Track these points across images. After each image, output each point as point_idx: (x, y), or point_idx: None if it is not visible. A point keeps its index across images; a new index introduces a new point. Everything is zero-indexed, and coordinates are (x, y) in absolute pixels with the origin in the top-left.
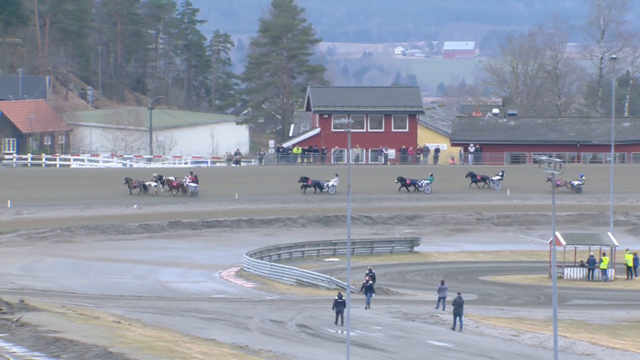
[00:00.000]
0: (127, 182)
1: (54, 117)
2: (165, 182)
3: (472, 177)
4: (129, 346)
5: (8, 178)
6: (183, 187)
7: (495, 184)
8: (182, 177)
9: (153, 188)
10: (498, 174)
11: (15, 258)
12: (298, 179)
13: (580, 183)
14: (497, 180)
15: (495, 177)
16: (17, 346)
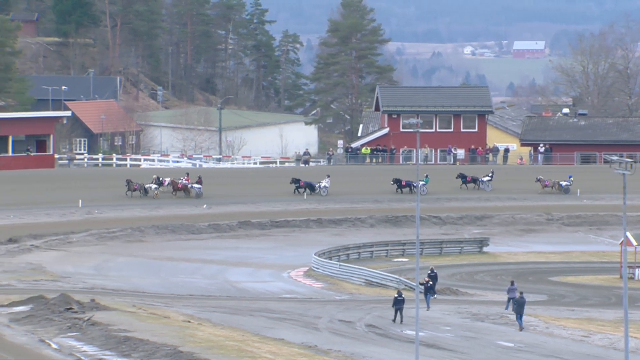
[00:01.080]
0: (128, 184)
1: (124, 117)
2: (170, 184)
3: (462, 178)
4: (198, 345)
5: (79, 178)
6: (187, 188)
7: (486, 184)
8: (178, 177)
9: (153, 190)
10: (488, 175)
11: (86, 257)
12: (290, 180)
13: (568, 184)
14: (487, 181)
15: (485, 177)
16: (88, 345)
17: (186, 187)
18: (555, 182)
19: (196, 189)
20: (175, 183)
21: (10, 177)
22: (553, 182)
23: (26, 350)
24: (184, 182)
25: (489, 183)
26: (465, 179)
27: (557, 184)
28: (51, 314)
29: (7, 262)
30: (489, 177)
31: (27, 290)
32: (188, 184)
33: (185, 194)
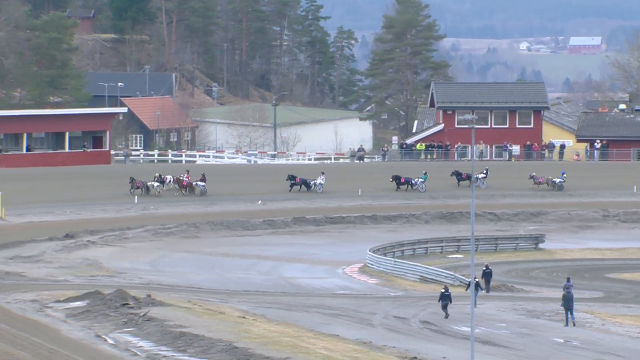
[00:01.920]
0: (131, 182)
1: (180, 113)
2: (175, 181)
3: (458, 175)
4: (253, 341)
5: (135, 174)
6: (192, 186)
7: (481, 182)
8: (179, 175)
9: (156, 189)
10: (482, 172)
11: (142, 253)
12: (286, 177)
13: (561, 180)
14: (482, 179)
15: (480, 175)
16: (144, 340)
17: (191, 185)
18: (548, 179)
19: (200, 186)
20: (180, 181)
21: (66, 173)
22: (546, 178)
23: (82, 345)
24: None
25: (484, 180)
26: (461, 176)
27: (550, 180)
28: (107, 309)
29: (64, 258)
30: (483, 175)
31: (83, 286)
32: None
33: (190, 192)
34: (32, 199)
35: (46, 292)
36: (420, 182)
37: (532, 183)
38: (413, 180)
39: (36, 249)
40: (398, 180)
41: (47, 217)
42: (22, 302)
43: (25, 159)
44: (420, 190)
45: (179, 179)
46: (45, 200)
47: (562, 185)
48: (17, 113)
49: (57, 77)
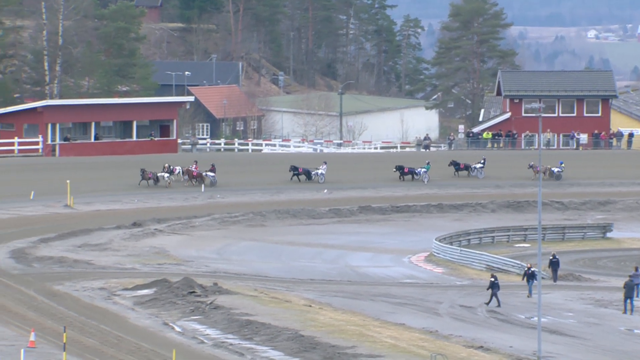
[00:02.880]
0: (142, 173)
1: (246, 102)
2: (185, 172)
3: (455, 165)
4: (319, 329)
5: (200, 163)
6: (202, 177)
7: (478, 171)
8: (187, 166)
9: (166, 180)
10: (480, 162)
11: (209, 241)
12: (289, 168)
13: (559, 170)
14: (480, 168)
15: (478, 164)
16: (210, 328)
17: (201, 175)
18: (547, 168)
19: (210, 177)
20: (190, 171)
21: (134, 162)
22: (545, 167)
23: (150, 333)
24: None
25: (481, 170)
26: (458, 166)
27: (548, 169)
28: (174, 297)
29: (131, 246)
30: (481, 164)
31: (151, 274)
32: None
33: (199, 183)
34: (99, 188)
35: (114, 280)
36: (424, 172)
37: (533, 173)
38: (416, 170)
39: (104, 237)
40: (402, 170)
41: (114, 205)
42: (90, 289)
43: (93, 147)
44: (424, 180)
45: (188, 169)
46: (112, 188)
47: (560, 175)
48: (86, 102)
49: (124, 66)
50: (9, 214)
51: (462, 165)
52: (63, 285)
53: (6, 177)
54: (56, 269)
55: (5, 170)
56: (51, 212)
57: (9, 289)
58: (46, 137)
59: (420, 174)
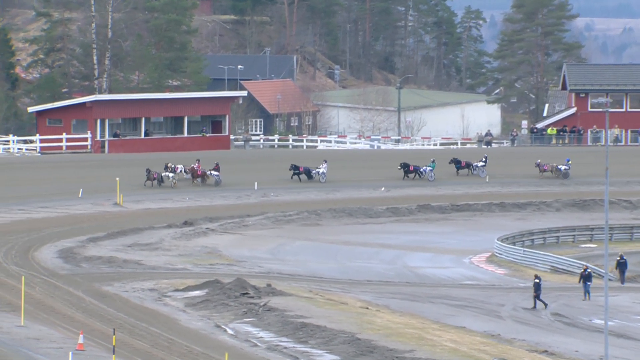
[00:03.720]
0: (148, 174)
1: (301, 97)
2: (189, 171)
3: (457, 163)
4: (376, 333)
5: (255, 159)
6: (206, 176)
7: (480, 170)
8: (190, 164)
9: (171, 180)
10: (481, 160)
11: (262, 241)
12: (289, 167)
13: (567, 168)
14: (482, 167)
15: (479, 163)
16: (264, 331)
17: (205, 174)
18: (553, 167)
19: (214, 176)
20: (195, 170)
21: (185, 159)
22: (552, 166)
23: (201, 335)
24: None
25: (483, 169)
26: (460, 164)
27: (555, 168)
28: (227, 298)
29: (182, 246)
30: (482, 162)
31: (202, 275)
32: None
33: (203, 182)
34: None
35: (165, 280)
36: (429, 170)
37: (538, 171)
38: (421, 169)
39: (154, 236)
40: (407, 168)
41: (165, 203)
42: (140, 290)
43: (143, 143)
44: (429, 178)
45: (193, 168)
46: (163, 186)
47: (567, 173)
48: (135, 97)
49: (175, 60)
50: (57, 213)
51: (463, 164)
52: (112, 286)
53: (54, 175)
54: (105, 269)
55: (53, 167)
56: (100, 211)
57: (57, 290)
58: (95, 133)
59: (425, 172)
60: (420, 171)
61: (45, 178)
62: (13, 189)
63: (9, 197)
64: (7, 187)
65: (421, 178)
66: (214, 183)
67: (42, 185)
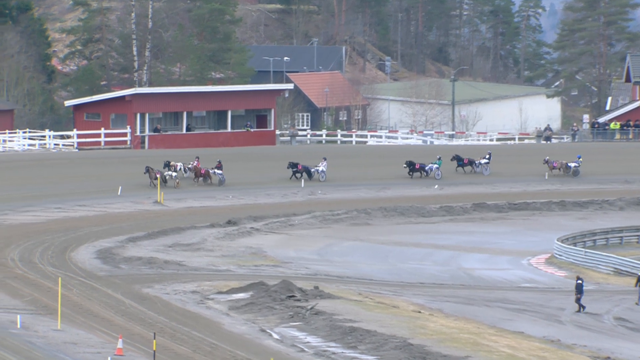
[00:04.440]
0: (148, 172)
1: (350, 90)
2: (192, 170)
3: (459, 160)
4: (429, 337)
5: (301, 155)
6: (209, 174)
7: (484, 167)
8: (188, 162)
9: (173, 179)
10: (485, 157)
11: (309, 241)
12: (287, 165)
13: (577, 165)
14: (485, 164)
15: (483, 160)
16: (311, 336)
17: (208, 173)
18: (563, 164)
19: (218, 174)
20: (198, 169)
21: (228, 155)
22: (561, 163)
23: (246, 340)
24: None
25: (487, 166)
26: (462, 161)
27: (564, 165)
28: (272, 301)
29: (226, 246)
30: (486, 160)
31: (246, 276)
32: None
33: (205, 181)
34: (191, 183)
35: (207, 282)
36: (435, 168)
37: (548, 169)
38: (427, 167)
39: (196, 236)
40: (412, 166)
41: (208, 202)
42: (181, 293)
43: (184, 139)
44: (436, 177)
45: (196, 167)
46: (205, 183)
47: (577, 170)
48: (177, 90)
49: (219, 51)
50: (95, 211)
51: (465, 161)
52: (152, 288)
53: (92, 172)
54: (145, 271)
55: (91, 163)
56: (140, 209)
57: (96, 292)
58: (134, 128)
59: (432, 170)
60: (425, 169)
61: (83, 175)
62: (49, 187)
63: (46, 195)
64: (43, 184)
65: (427, 176)
66: (218, 182)
67: (80, 183)
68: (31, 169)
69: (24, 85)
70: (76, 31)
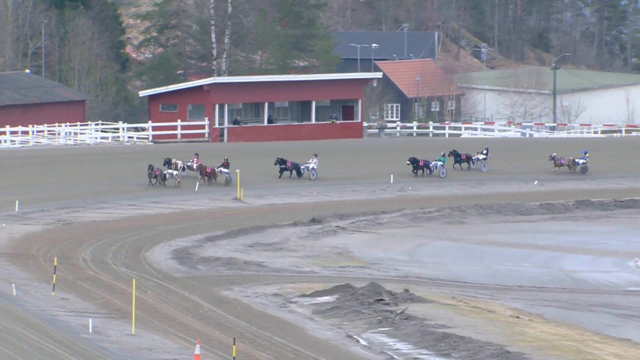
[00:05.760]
0: (150, 171)
1: (442, 79)
2: (198, 168)
3: (456, 156)
4: (529, 345)
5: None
6: (214, 173)
7: (482, 164)
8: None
9: (175, 178)
10: (482, 152)
11: (399, 241)
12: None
13: (584, 161)
14: (483, 160)
15: (480, 155)
16: (401, 342)
17: (214, 172)
18: (570, 160)
19: (225, 173)
20: (204, 167)
21: (317, 149)
22: (568, 160)
23: (331, 346)
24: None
25: (485, 162)
26: (459, 157)
27: (572, 162)
28: (359, 305)
29: (310, 246)
30: (483, 155)
31: (332, 278)
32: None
33: (210, 181)
34: (273, 178)
35: (290, 284)
36: (440, 165)
37: (553, 165)
38: (431, 164)
39: (279, 235)
40: (416, 163)
41: (290, 198)
42: (263, 296)
43: (266, 131)
44: (441, 175)
45: (202, 165)
46: (288, 179)
47: (585, 167)
48: (258, 79)
49: (302, 38)
50: (170, 208)
51: (463, 156)
52: (232, 290)
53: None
54: (224, 272)
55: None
56: (218, 206)
57: (172, 295)
58: (213, 120)
59: (437, 168)
60: (430, 166)
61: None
62: (122, 182)
63: (118, 190)
64: (115, 180)
65: (431, 174)
66: (224, 182)
67: None
68: (103, 164)
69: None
70: (151, 17)
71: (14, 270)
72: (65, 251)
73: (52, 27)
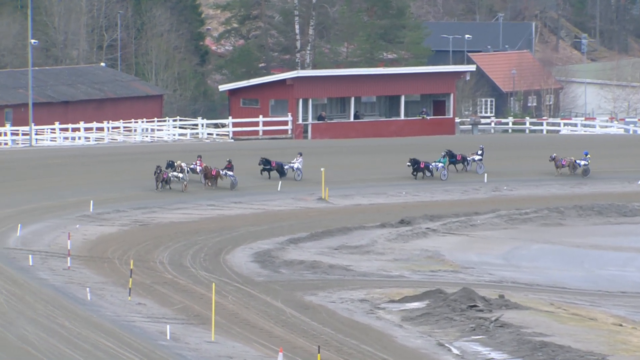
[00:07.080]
0: (157, 173)
1: (540, 72)
2: (202, 171)
3: (452, 157)
4: (632, 355)
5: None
6: (219, 176)
7: (478, 165)
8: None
9: (181, 181)
10: (477, 152)
11: (493, 244)
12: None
13: (586, 163)
14: (479, 161)
15: (476, 156)
16: (496, 351)
17: (219, 174)
18: (571, 162)
19: (230, 176)
20: (209, 169)
21: (402, 146)
22: (570, 161)
23: (421, 355)
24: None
25: (480, 163)
26: (455, 158)
27: (573, 163)
28: (451, 312)
29: (398, 249)
30: (479, 156)
31: (422, 283)
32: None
33: (214, 184)
34: (360, 177)
35: (377, 289)
36: (441, 167)
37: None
38: (431, 165)
39: (365, 238)
40: (416, 165)
41: (378, 198)
42: (349, 301)
43: (352, 127)
44: (442, 177)
45: (207, 167)
46: (376, 178)
47: (587, 169)
48: (344, 72)
49: (391, 29)
50: (252, 209)
51: (458, 157)
52: (316, 295)
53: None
54: (308, 276)
55: (247, 155)
56: (302, 207)
57: (253, 300)
58: (296, 116)
59: (437, 169)
60: (430, 168)
61: (238, 168)
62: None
63: (197, 190)
64: None
65: (432, 176)
66: (230, 185)
67: None
68: None
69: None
70: (232, 7)
71: (88, 274)
72: (141, 254)
73: (129, 18)
